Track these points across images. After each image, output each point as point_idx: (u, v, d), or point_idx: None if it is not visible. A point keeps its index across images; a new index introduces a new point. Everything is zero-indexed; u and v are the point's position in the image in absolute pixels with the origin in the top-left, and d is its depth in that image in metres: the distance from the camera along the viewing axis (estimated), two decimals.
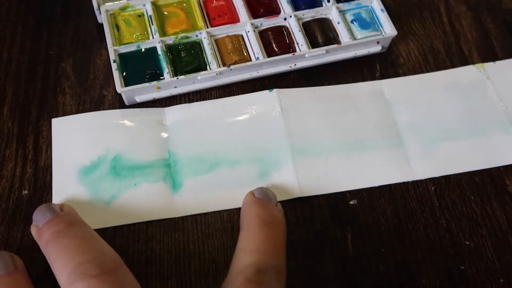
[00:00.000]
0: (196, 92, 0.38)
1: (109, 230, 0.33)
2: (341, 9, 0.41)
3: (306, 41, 0.39)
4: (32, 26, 0.41)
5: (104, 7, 0.39)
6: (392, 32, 0.39)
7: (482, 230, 0.34)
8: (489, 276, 0.32)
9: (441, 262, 0.32)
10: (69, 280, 0.25)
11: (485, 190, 0.35)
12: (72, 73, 0.39)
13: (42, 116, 0.37)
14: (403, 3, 0.44)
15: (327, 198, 0.34)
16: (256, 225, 0.29)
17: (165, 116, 0.37)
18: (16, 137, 0.36)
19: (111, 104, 0.37)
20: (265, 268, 0.27)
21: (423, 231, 0.34)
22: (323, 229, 0.33)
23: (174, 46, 0.38)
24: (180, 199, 0.34)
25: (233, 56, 0.38)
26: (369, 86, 0.39)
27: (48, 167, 0.35)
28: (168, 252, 0.32)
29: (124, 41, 0.38)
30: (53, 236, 0.28)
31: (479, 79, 0.40)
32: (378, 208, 0.34)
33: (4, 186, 0.34)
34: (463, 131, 0.37)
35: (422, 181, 0.35)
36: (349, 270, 0.32)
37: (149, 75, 0.37)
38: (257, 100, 0.38)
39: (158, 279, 0.31)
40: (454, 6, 0.44)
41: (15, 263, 0.29)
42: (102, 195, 0.33)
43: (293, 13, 0.40)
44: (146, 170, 0.34)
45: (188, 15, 0.40)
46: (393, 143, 0.36)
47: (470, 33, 0.43)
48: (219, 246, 0.32)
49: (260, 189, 0.32)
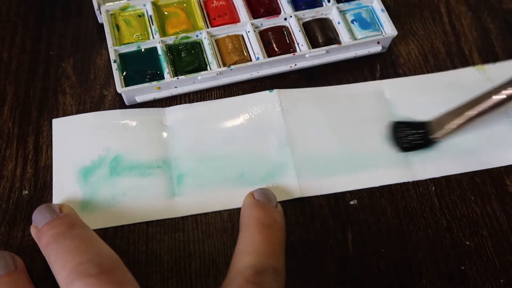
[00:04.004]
0: (196, 92, 0.38)
1: (109, 230, 0.33)
2: (341, 9, 0.41)
3: (306, 41, 0.39)
4: (33, 26, 0.41)
5: (105, 7, 0.39)
6: (393, 32, 0.39)
7: (483, 230, 0.34)
8: (490, 276, 0.32)
9: (442, 262, 0.32)
10: (68, 279, 0.25)
11: (485, 190, 0.35)
12: (72, 73, 0.39)
13: (43, 116, 0.37)
14: (404, 3, 0.44)
15: (328, 198, 0.34)
16: (255, 227, 0.29)
17: (166, 116, 0.37)
18: (17, 137, 0.36)
19: (111, 104, 0.37)
20: (264, 269, 0.27)
21: (423, 231, 0.34)
22: (324, 229, 0.33)
23: (175, 46, 0.38)
24: (181, 199, 0.34)
25: (234, 56, 0.38)
26: (370, 86, 0.39)
27: (49, 167, 0.35)
28: (168, 252, 0.32)
29: (124, 41, 0.38)
30: (53, 238, 0.28)
31: (479, 80, 0.40)
32: (378, 208, 0.34)
33: (5, 186, 0.34)
34: (463, 131, 0.37)
35: (422, 181, 0.35)
36: (349, 270, 0.32)
37: (150, 75, 0.37)
38: (257, 100, 0.38)
39: (158, 279, 0.31)
40: (455, 6, 0.44)
41: (15, 263, 0.29)
42: (102, 195, 0.33)
43: (293, 13, 0.40)
44: (147, 170, 0.34)
45: (188, 15, 0.40)
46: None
47: (471, 33, 0.43)
48: (220, 246, 0.32)
49: (260, 190, 0.32)
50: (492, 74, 0.40)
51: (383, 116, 0.38)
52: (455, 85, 0.39)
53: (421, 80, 0.40)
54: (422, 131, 0.36)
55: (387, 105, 0.38)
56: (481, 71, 0.40)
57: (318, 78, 0.39)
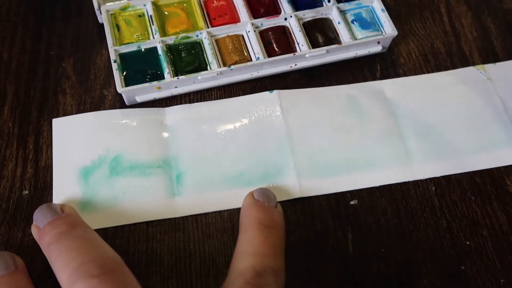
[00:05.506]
0: (196, 92, 0.38)
1: (110, 230, 0.33)
2: (341, 9, 0.41)
3: (306, 41, 0.39)
4: (33, 26, 0.41)
5: (105, 7, 0.39)
6: (393, 32, 0.39)
7: (483, 230, 0.34)
8: (490, 276, 0.32)
9: (442, 262, 0.32)
10: (70, 280, 0.25)
11: (485, 190, 0.35)
12: (72, 73, 0.39)
13: (43, 116, 0.37)
14: (404, 3, 0.44)
15: (328, 198, 0.34)
16: (255, 228, 0.29)
17: (166, 116, 0.37)
18: (17, 137, 0.36)
19: (111, 104, 0.37)
20: (264, 271, 0.27)
21: (423, 231, 0.34)
22: (324, 229, 0.33)
23: (175, 46, 0.38)
24: (181, 199, 0.34)
25: (234, 56, 0.38)
26: (370, 86, 0.39)
27: (49, 167, 0.35)
28: (168, 252, 0.32)
29: (124, 41, 0.38)
30: (55, 237, 0.28)
31: (480, 80, 0.40)
32: (378, 208, 0.34)
33: (5, 186, 0.34)
34: (463, 132, 0.37)
35: (422, 181, 0.35)
36: (349, 270, 0.32)
37: (150, 75, 0.37)
38: (257, 101, 0.38)
39: (158, 279, 0.31)
40: (455, 6, 0.44)
41: (15, 263, 0.29)
42: (102, 195, 0.33)
43: (293, 13, 0.40)
44: (147, 170, 0.34)
45: (188, 15, 0.40)
46: (394, 143, 0.36)
47: (471, 33, 0.43)
48: (220, 246, 0.32)
49: (260, 190, 0.32)
50: (492, 74, 0.40)
51: (383, 116, 0.38)
52: (456, 85, 0.39)
53: (421, 80, 0.40)
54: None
55: (388, 105, 0.38)
56: (482, 70, 0.40)
57: (318, 78, 0.39)
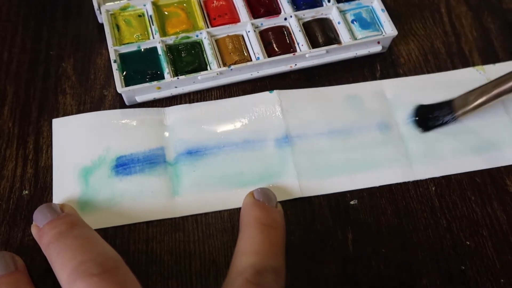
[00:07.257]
0: (196, 92, 0.38)
1: (110, 230, 0.33)
2: (341, 9, 0.41)
3: (306, 41, 0.39)
4: (33, 26, 0.41)
5: (105, 7, 0.39)
6: (393, 32, 0.39)
7: (483, 230, 0.34)
8: (490, 276, 0.32)
9: (442, 262, 0.33)
10: (70, 279, 0.25)
11: (485, 190, 0.35)
12: (72, 73, 0.39)
13: (43, 116, 0.37)
14: (404, 3, 0.44)
15: (328, 198, 0.34)
16: (255, 227, 0.29)
17: (166, 116, 0.37)
18: (17, 137, 0.36)
19: (111, 104, 0.37)
20: (264, 269, 0.27)
21: (423, 231, 0.34)
22: (324, 229, 0.33)
23: (175, 46, 0.38)
24: (181, 199, 0.34)
25: (234, 56, 0.38)
26: (370, 86, 0.39)
27: (49, 167, 0.35)
28: (168, 252, 0.32)
29: (124, 41, 0.38)
30: (55, 237, 0.28)
31: (479, 80, 0.40)
32: (378, 208, 0.34)
33: (5, 186, 0.34)
34: (464, 132, 0.37)
35: (422, 181, 0.35)
36: (349, 270, 0.32)
37: (150, 75, 0.37)
38: (257, 101, 0.38)
39: (158, 279, 0.31)
40: (455, 6, 0.44)
41: (15, 263, 0.29)
42: (102, 195, 0.33)
43: (293, 13, 0.40)
44: (147, 170, 0.34)
45: (188, 15, 0.40)
46: (394, 143, 0.36)
47: (471, 33, 0.43)
48: (220, 246, 0.32)
49: (260, 190, 0.32)
50: (492, 75, 0.40)
51: (383, 116, 0.38)
52: (456, 85, 0.39)
53: (421, 80, 0.40)
54: (449, 110, 0.36)
55: (388, 105, 0.38)
56: (481, 71, 0.40)
57: (318, 78, 0.39)
